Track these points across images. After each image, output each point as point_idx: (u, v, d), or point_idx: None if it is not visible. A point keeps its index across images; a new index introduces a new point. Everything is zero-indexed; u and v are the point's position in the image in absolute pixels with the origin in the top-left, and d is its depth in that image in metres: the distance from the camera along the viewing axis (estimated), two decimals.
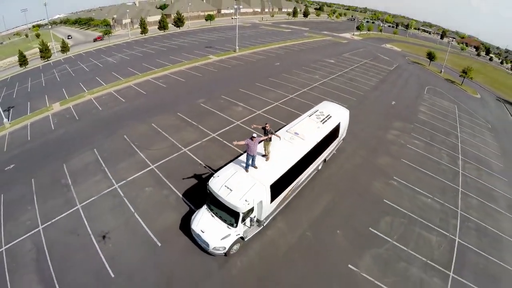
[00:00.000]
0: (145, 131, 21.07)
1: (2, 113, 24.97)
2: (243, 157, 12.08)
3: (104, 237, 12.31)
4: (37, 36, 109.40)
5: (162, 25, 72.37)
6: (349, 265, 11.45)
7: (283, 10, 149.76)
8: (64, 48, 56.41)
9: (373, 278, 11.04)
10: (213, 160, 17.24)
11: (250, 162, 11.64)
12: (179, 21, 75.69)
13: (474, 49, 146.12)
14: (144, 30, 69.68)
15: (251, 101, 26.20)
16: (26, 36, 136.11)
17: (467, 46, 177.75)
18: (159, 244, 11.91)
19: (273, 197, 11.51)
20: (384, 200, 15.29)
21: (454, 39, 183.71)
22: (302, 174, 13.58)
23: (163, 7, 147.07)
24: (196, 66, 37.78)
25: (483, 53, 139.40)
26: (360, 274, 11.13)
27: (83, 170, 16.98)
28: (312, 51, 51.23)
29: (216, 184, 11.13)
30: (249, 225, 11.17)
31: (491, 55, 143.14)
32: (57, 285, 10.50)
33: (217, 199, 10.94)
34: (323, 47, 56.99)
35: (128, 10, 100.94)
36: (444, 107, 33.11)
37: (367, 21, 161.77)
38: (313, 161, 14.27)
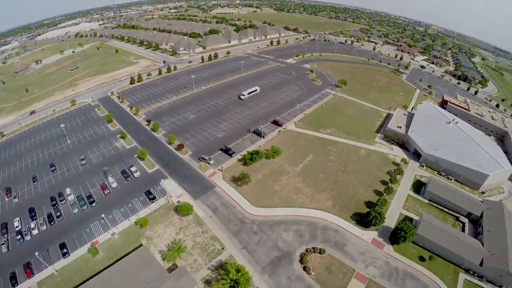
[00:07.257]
0: (228, 91, 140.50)
1: (193, 85, 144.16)
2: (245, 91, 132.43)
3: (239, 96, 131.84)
4: (116, 51, 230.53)
5: (210, 58, 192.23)
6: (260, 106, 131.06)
7: (267, 37, 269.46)
8: (175, 69, 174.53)
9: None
10: (240, 95, 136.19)
11: (245, 90, 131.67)
12: (216, 56, 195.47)
13: (394, 57, 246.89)
14: (202, 61, 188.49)
15: (245, 86, 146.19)
16: (98, 48, 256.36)
17: (402, 52, 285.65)
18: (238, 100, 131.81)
19: (248, 94, 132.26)
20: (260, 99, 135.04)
21: (399, 49, 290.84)
22: (253, 93, 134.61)
23: (194, 36, 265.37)
24: (233, 79, 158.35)
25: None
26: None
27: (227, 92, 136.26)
28: (265, 73, 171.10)
29: (244, 91, 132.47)
30: (247, 97, 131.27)
31: (417, 58, 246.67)
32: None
33: (242, 94, 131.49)
34: (271, 70, 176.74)
35: (176, 39, 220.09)
36: (292, 87, 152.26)
37: (325, 40, 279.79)
38: (253, 92, 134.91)
